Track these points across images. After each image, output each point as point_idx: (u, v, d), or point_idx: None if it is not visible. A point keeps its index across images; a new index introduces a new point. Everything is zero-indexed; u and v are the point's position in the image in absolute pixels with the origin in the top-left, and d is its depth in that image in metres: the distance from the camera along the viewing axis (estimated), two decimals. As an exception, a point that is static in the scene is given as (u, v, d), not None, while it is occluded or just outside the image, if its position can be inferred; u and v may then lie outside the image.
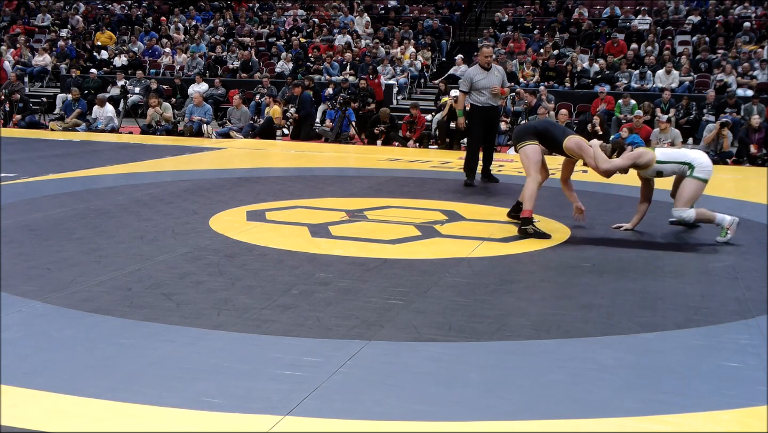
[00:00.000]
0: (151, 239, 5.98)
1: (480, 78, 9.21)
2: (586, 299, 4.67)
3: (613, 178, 7.17)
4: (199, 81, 18.10)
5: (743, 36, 18.83)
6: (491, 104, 9.28)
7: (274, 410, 3.01)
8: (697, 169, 6.51)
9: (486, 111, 9.25)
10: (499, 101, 9.46)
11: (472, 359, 3.68)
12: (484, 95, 9.22)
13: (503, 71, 9.68)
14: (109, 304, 4.30)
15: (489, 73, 9.23)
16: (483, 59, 9.31)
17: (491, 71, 9.27)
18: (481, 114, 9.29)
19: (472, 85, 9.25)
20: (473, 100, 9.32)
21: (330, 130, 15.25)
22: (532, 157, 6.58)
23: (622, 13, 21.42)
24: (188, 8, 24.18)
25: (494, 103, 9.31)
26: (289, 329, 3.97)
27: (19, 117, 16.09)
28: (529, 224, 6.41)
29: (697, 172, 6.51)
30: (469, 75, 9.38)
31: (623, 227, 6.82)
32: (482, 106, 9.25)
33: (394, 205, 7.69)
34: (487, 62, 9.28)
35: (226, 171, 10.24)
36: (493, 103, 9.29)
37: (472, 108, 9.35)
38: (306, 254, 5.64)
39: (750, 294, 4.88)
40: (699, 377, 3.52)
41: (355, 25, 21.73)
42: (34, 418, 2.92)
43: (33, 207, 7.13)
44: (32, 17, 24.35)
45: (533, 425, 2.98)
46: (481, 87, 9.20)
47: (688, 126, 15.34)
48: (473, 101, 9.33)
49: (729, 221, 6.42)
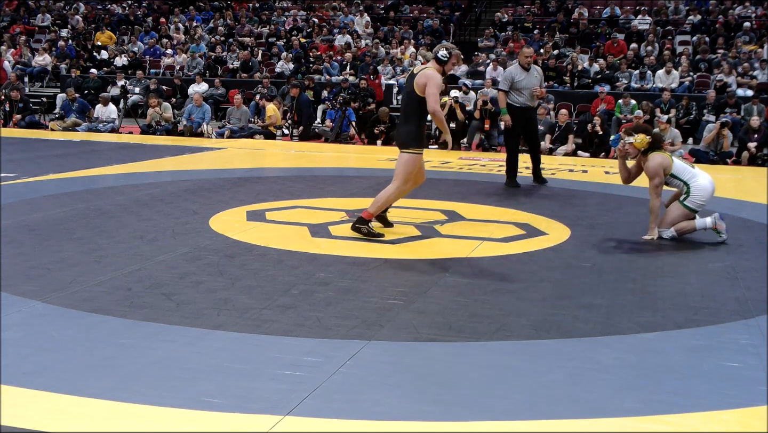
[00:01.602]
0: (151, 239, 5.98)
1: (520, 78, 9.25)
2: (586, 299, 4.67)
3: (616, 178, 7.15)
4: (199, 81, 18.11)
5: (743, 36, 18.84)
6: (528, 105, 9.34)
7: (274, 410, 3.01)
8: (692, 196, 6.40)
9: (524, 111, 9.29)
10: (536, 102, 9.53)
11: (472, 359, 3.68)
12: (523, 95, 9.26)
13: (541, 72, 9.75)
14: (109, 304, 4.29)
15: (529, 74, 9.28)
16: (523, 59, 9.34)
17: (531, 72, 9.32)
18: (519, 114, 9.30)
19: (512, 85, 9.28)
20: (511, 99, 9.33)
21: (330, 130, 15.25)
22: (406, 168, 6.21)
23: (622, 13, 21.42)
24: (188, 8, 24.19)
25: (531, 103, 9.38)
26: (289, 329, 3.97)
27: (19, 117, 16.08)
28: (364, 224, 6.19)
29: (689, 200, 6.41)
30: (510, 74, 9.39)
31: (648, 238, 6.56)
32: (520, 107, 9.28)
33: (393, 206, 7.68)
34: (527, 63, 9.33)
35: (226, 171, 10.24)
36: (530, 103, 9.34)
37: (510, 108, 9.35)
38: (306, 254, 5.64)
39: (750, 294, 4.88)
40: (699, 377, 3.52)
41: (355, 25, 21.73)
42: (34, 418, 2.92)
43: (33, 207, 7.13)
44: (32, 17, 24.35)
45: (533, 425, 2.98)
46: (520, 87, 9.25)
47: (688, 126, 15.35)
48: (511, 101, 9.33)
49: (711, 221, 6.39)
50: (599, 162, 12.75)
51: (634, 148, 6.50)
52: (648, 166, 6.44)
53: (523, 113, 9.29)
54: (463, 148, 14.17)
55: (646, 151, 6.50)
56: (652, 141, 6.50)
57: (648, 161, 6.46)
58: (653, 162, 6.42)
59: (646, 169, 6.48)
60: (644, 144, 6.45)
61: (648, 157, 6.47)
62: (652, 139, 6.50)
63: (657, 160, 6.44)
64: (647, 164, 6.45)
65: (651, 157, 6.46)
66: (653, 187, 6.41)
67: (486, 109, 14.16)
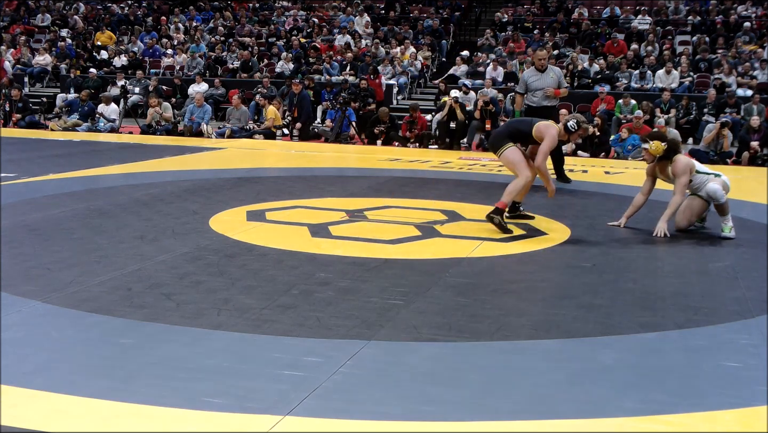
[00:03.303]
0: (151, 239, 5.98)
1: (534, 79, 9.59)
2: (586, 299, 4.67)
3: (615, 178, 7.15)
4: (199, 81, 18.10)
5: (743, 36, 18.84)
6: (544, 104, 9.53)
7: (274, 410, 3.01)
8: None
9: (539, 111, 9.41)
10: (554, 102, 9.69)
11: (472, 359, 3.68)
12: (537, 96, 9.55)
13: (560, 73, 9.99)
14: (109, 304, 4.29)
15: (543, 75, 9.59)
16: (537, 62, 9.72)
17: (546, 73, 9.62)
18: (534, 114, 9.43)
19: (527, 87, 9.61)
20: (528, 100, 9.67)
21: (330, 130, 15.25)
22: (516, 158, 6.62)
23: (622, 13, 21.42)
24: (188, 8, 24.19)
25: (548, 103, 9.57)
26: (289, 329, 3.97)
27: (19, 117, 16.09)
28: (499, 214, 6.46)
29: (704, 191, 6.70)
30: (524, 77, 9.82)
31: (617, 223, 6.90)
32: (536, 107, 9.52)
33: (394, 205, 7.69)
34: (541, 65, 9.67)
35: (226, 171, 10.24)
36: (546, 103, 9.55)
37: (528, 108, 9.64)
38: (306, 254, 5.64)
39: (750, 294, 4.88)
40: (699, 377, 3.52)
41: (355, 25, 21.73)
42: (34, 418, 2.92)
43: (33, 207, 7.13)
44: (32, 17, 24.34)
45: (533, 425, 2.98)
46: (534, 88, 9.56)
47: (688, 126, 15.35)
48: (528, 102, 9.67)
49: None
50: (599, 162, 12.75)
51: (649, 155, 6.65)
52: (676, 166, 6.60)
53: (538, 113, 9.38)
54: (463, 148, 14.17)
55: (662, 157, 6.62)
56: (668, 147, 6.63)
57: (675, 162, 6.61)
58: (681, 162, 6.61)
59: (673, 170, 6.62)
60: (659, 150, 6.60)
61: (674, 159, 6.62)
62: (667, 146, 6.62)
63: (684, 160, 6.66)
64: (675, 164, 6.61)
65: (678, 158, 6.64)
66: (681, 184, 6.55)
67: (486, 110, 14.15)
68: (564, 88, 9.82)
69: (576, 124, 6.61)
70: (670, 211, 6.58)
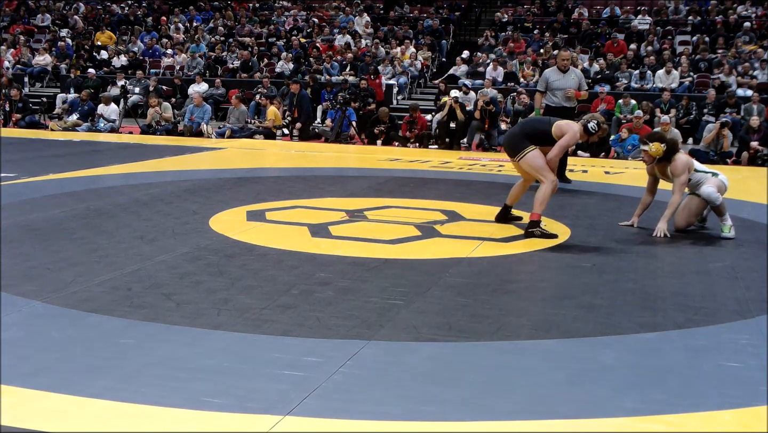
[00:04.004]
0: (151, 239, 5.98)
1: (555, 79, 9.61)
2: (586, 299, 4.67)
3: (615, 178, 7.15)
4: (199, 81, 18.10)
5: (743, 36, 18.84)
6: (564, 105, 9.54)
7: (274, 410, 3.01)
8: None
9: (558, 111, 9.41)
10: (573, 103, 9.70)
11: (472, 359, 3.68)
12: (557, 96, 9.56)
13: (581, 75, 10.02)
14: (109, 304, 4.29)
15: (565, 76, 9.61)
16: (560, 62, 9.76)
17: (568, 74, 9.65)
18: (553, 114, 9.40)
19: (547, 86, 9.63)
20: (548, 100, 9.68)
21: (330, 130, 15.25)
22: (539, 163, 6.41)
23: (622, 13, 21.42)
24: (188, 8, 24.18)
25: (567, 104, 9.58)
26: (289, 329, 3.97)
27: (19, 117, 16.09)
28: (536, 226, 6.37)
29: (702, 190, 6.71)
30: (546, 76, 9.82)
31: (629, 223, 6.94)
32: (555, 107, 9.52)
33: (394, 205, 7.69)
34: (564, 65, 9.69)
35: (226, 171, 10.24)
36: (566, 104, 9.56)
37: (547, 108, 9.65)
38: (306, 254, 5.64)
39: (750, 294, 4.88)
40: (699, 377, 3.52)
41: (355, 25, 21.73)
42: (34, 418, 2.92)
43: (33, 207, 7.13)
44: (32, 17, 24.34)
45: (533, 425, 2.98)
46: (555, 88, 9.58)
47: (688, 126, 15.35)
48: (548, 101, 9.67)
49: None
50: (599, 162, 12.75)
51: (649, 157, 6.66)
52: (676, 165, 6.61)
53: (558, 113, 9.38)
54: (463, 148, 14.17)
55: (661, 159, 6.64)
56: (668, 148, 6.63)
57: (675, 161, 6.62)
58: (680, 161, 6.62)
59: (672, 169, 6.62)
60: (659, 152, 6.61)
61: (673, 159, 6.63)
62: (667, 147, 6.63)
63: (683, 159, 6.68)
64: (674, 164, 6.61)
65: (677, 157, 6.65)
66: (680, 183, 6.56)
67: (486, 110, 14.15)
68: (585, 90, 9.86)
69: (597, 126, 6.50)
70: (669, 212, 6.58)
